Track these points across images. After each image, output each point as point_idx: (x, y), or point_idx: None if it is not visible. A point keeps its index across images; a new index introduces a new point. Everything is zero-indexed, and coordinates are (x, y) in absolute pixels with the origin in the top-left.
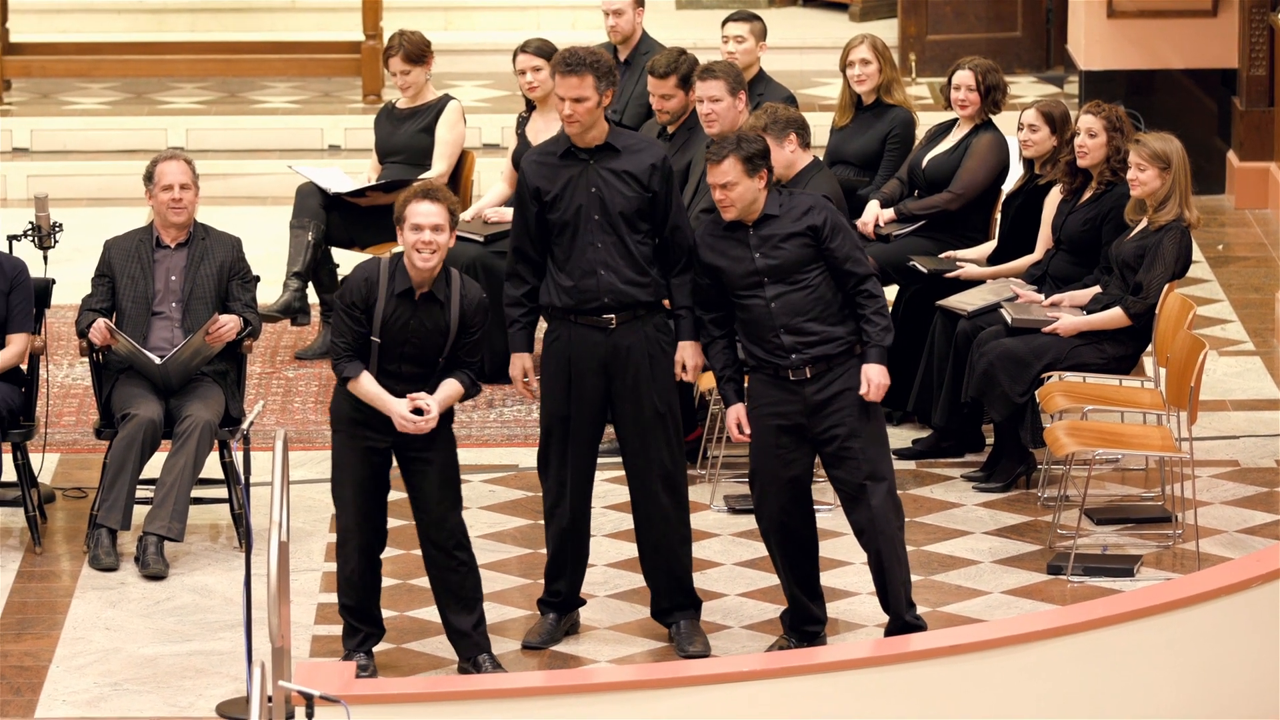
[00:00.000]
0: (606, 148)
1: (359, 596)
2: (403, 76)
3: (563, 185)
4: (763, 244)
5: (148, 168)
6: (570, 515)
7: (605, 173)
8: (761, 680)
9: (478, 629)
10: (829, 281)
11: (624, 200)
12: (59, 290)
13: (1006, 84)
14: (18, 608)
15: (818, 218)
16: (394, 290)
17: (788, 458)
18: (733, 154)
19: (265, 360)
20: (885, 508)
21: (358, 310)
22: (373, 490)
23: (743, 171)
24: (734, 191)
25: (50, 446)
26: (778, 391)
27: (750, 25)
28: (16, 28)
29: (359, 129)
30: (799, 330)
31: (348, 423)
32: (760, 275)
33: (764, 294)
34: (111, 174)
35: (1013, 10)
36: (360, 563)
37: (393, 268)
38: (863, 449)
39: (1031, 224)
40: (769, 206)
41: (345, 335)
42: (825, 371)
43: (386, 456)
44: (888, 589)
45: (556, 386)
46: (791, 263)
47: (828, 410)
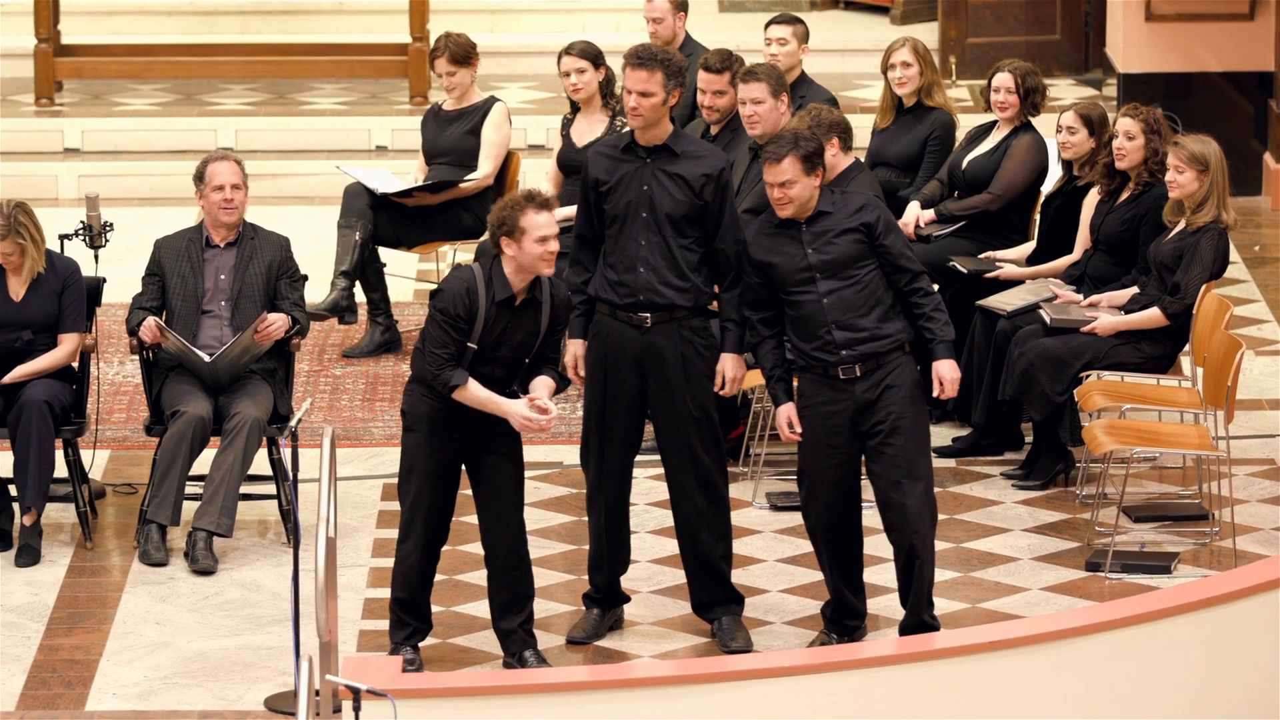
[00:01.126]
0: (665, 149)
1: (413, 591)
2: (448, 78)
3: (618, 178)
4: (815, 240)
5: (198, 168)
6: (605, 510)
7: (660, 173)
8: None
9: (524, 626)
10: (880, 279)
11: (673, 203)
12: (109, 289)
13: (1045, 86)
14: (69, 602)
15: (871, 215)
16: (494, 298)
17: (838, 456)
18: (791, 153)
19: (313, 358)
20: (920, 507)
21: (462, 322)
22: (444, 488)
23: (801, 170)
24: (792, 190)
25: (101, 443)
26: (827, 390)
27: (793, 28)
28: (69, 29)
29: (406, 130)
30: (850, 326)
31: (427, 422)
32: (812, 271)
33: (816, 290)
34: (162, 174)
35: (1052, 13)
36: (421, 558)
37: (487, 275)
38: (902, 447)
39: (1070, 225)
40: (822, 203)
41: (448, 346)
42: (875, 369)
43: (461, 456)
44: (912, 587)
45: (595, 380)
46: (844, 258)
47: (875, 406)
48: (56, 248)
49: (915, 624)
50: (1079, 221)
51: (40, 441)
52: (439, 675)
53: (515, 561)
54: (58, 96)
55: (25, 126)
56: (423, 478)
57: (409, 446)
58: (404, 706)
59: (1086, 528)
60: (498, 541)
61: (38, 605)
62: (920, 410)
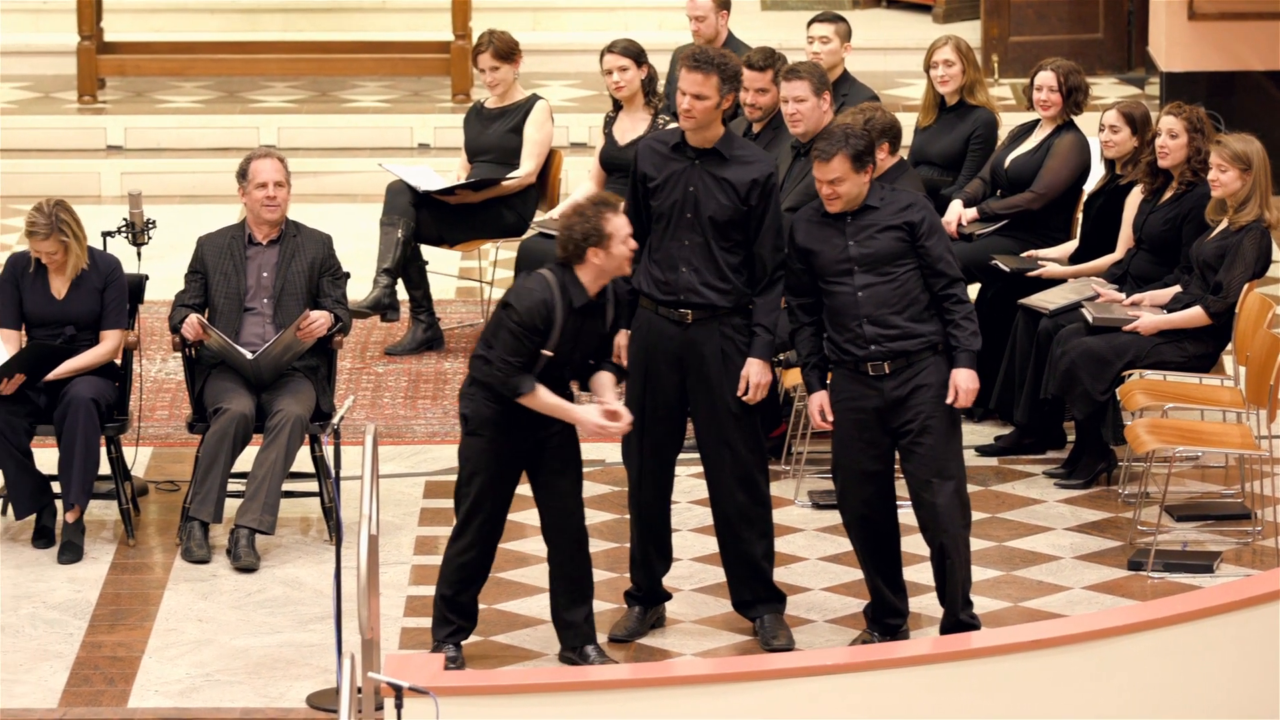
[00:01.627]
0: (715, 152)
1: (463, 589)
2: (491, 73)
3: (665, 176)
4: (859, 233)
5: (241, 165)
6: (646, 508)
7: (707, 176)
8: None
9: (587, 621)
10: (917, 279)
11: (717, 206)
12: (152, 286)
13: (1088, 85)
14: (111, 599)
15: (916, 215)
16: (571, 306)
17: (869, 451)
18: (842, 151)
19: (355, 356)
20: (950, 506)
21: (539, 334)
22: (504, 492)
23: (850, 169)
24: (841, 188)
25: (143, 440)
26: (858, 386)
27: (835, 26)
28: (111, 27)
29: (448, 128)
30: (882, 322)
31: (491, 426)
32: (851, 263)
33: (853, 282)
34: (204, 171)
35: (1094, 12)
36: (476, 557)
37: (561, 283)
38: (933, 446)
39: (1112, 224)
40: (870, 198)
41: (521, 355)
42: (905, 368)
43: (524, 458)
44: (945, 586)
45: (636, 375)
46: (884, 254)
47: (905, 405)
48: (99, 245)
49: (954, 623)
50: (1121, 220)
51: (86, 439)
52: (481, 673)
53: (577, 558)
54: (101, 94)
55: (68, 124)
56: (485, 482)
57: (472, 451)
58: (446, 704)
59: (1129, 527)
60: (561, 539)
61: (80, 602)
62: (951, 410)
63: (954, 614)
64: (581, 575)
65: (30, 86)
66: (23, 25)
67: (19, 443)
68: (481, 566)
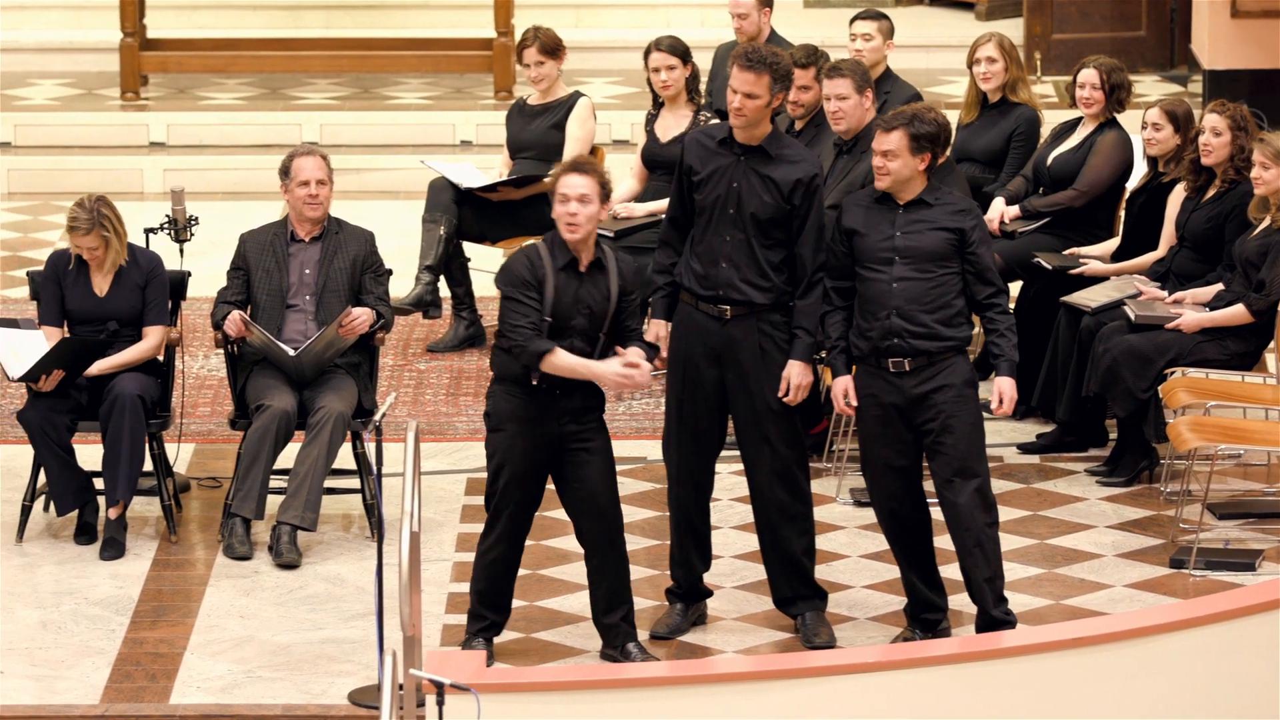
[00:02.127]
0: (760, 150)
1: (495, 583)
2: (537, 68)
3: (710, 171)
4: (908, 224)
5: (284, 162)
6: (683, 503)
7: (751, 173)
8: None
9: (626, 619)
10: (954, 284)
11: (759, 204)
12: (194, 283)
13: (1131, 83)
14: (153, 595)
15: (969, 221)
16: (558, 265)
17: (894, 447)
18: (903, 128)
19: (397, 353)
20: (971, 504)
21: (530, 288)
22: (532, 486)
23: (907, 148)
24: (893, 162)
25: (186, 437)
26: (879, 382)
27: (878, 24)
28: (154, 24)
29: (490, 125)
30: (910, 318)
31: (513, 420)
32: (894, 252)
33: (890, 272)
34: (246, 168)
35: (1137, 10)
36: (506, 552)
37: (551, 245)
38: (954, 445)
39: (1155, 221)
40: (925, 193)
41: (527, 316)
42: (925, 366)
43: (551, 451)
44: (971, 585)
45: (675, 370)
46: (927, 251)
47: (926, 404)
48: (141, 241)
49: (988, 621)
50: (1164, 218)
51: (133, 436)
52: (522, 670)
53: (614, 557)
54: (143, 91)
55: (111, 120)
56: (512, 477)
57: (497, 446)
58: (487, 701)
59: (1171, 524)
60: (596, 539)
61: (122, 598)
62: (973, 408)
63: (986, 611)
64: (617, 576)
65: (73, 83)
66: (65, 22)
67: (60, 439)
68: (510, 562)
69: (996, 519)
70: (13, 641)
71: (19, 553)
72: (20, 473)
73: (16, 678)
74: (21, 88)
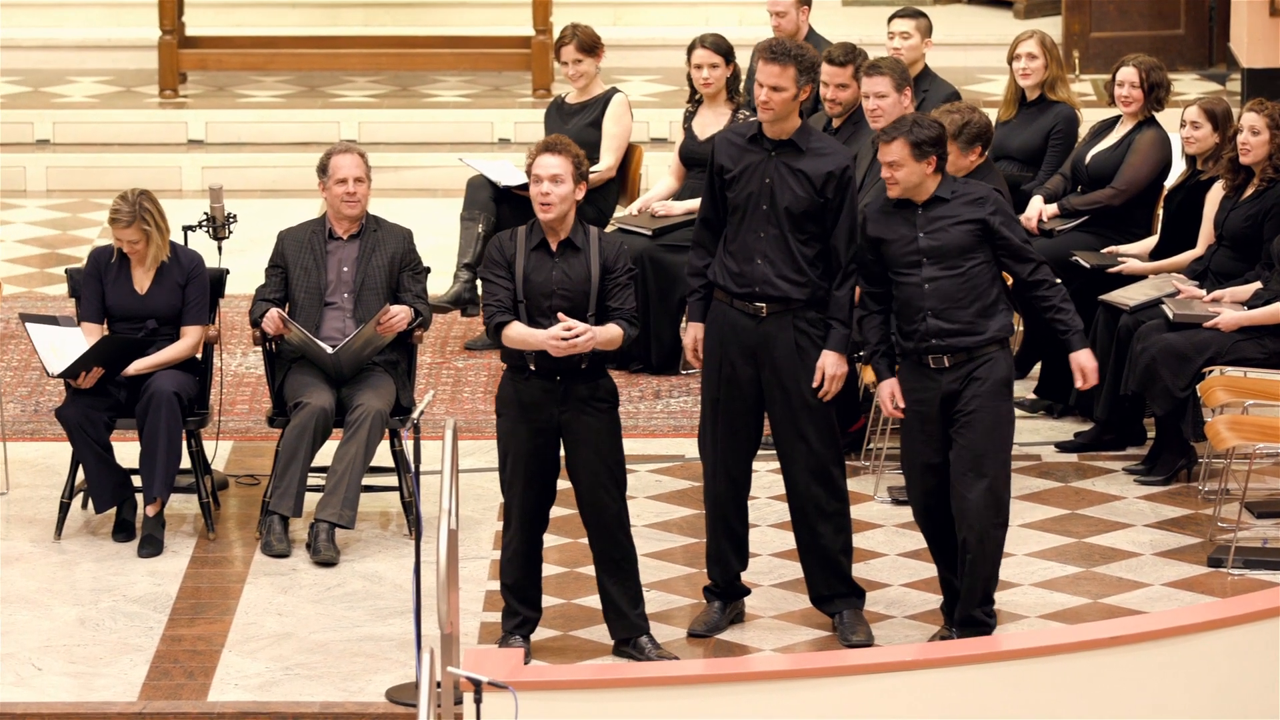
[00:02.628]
0: (791, 144)
1: (519, 577)
2: (575, 65)
3: (742, 168)
4: (929, 224)
5: (322, 160)
6: (718, 501)
7: (783, 167)
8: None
9: (636, 611)
10: (986, 273)
11: (793, 198)
12: (232, 280)
13: (1170, 81)
14: (191, 593)
15: (987, 209)
16: (531, 245)
17: (931, 444)
18: (902, 137)
19: (435, 350)
20: (980, 503)
21: (500, 269)
22: (538, 472)
23: (909, 155)
24: (899, 172)
25: (224, 434)
26: (920, 378)
27: (916, 22)
28: (193, 21)
29: (528, 123)
30: (946, 316)
31: (514, 406)
32: (920, 255)
33: (920, 274)
34: (285, 166)
35: (1175, 8)
36: (523, 544)
37: (530, 226)
38: (972, 441)
39: (1193, 220)
40: (940, 190)
41: (496, 294)
42: (965, 361)
43: (552, 438)
44: (965, 580)
45: (710, 368)
46: (953, 247)
47: (959, 396)
48: (180, 239)
49: (967, 619)
50: (1202, 217)
51: (169, 433)
52: (559, 668)
53: (618, 549)
54: (182, 88)
55: (150, 118)
56: (516, 461)
57: (502, 432)
58: (525, 699)
59: (1209, 523)
60: (599, 526)
61: (160, 596)
62: (1001, 407)
63: (969, 609)
64: (623, 567)
65: (111, 81)
66: (104, 19)
67: (99, 436)
68: (529, 553)
69: (1005, 520)
70: (50, 639)
71: (57, 550)
72: (59, 470)
73: (54, 675)
74: (60, 85)
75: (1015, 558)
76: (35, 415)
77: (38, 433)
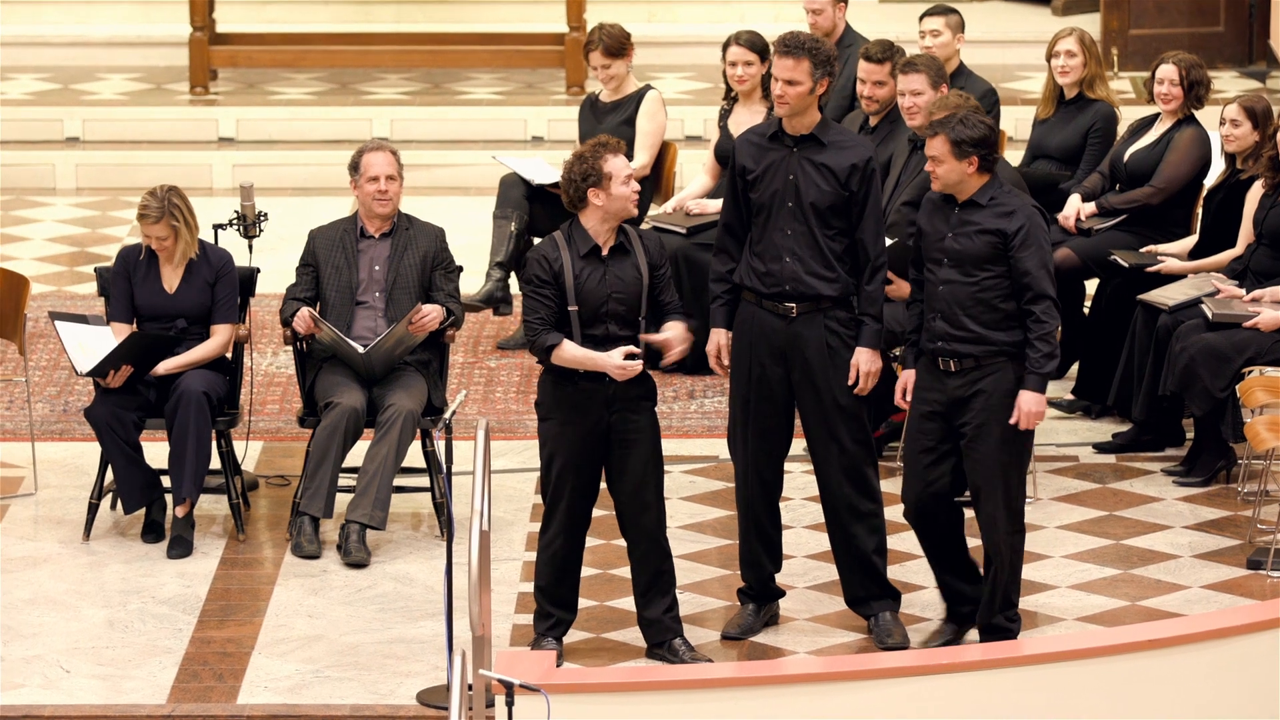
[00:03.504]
0: (812, 139)
1: (557, 579)
2: (604, 70)
3: (765, 167)
4: (959, 226)
5: (353, 158)
6: (751, 503)
7: (805, 163)
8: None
9: (669, 613)
10: (1001, 287)
11: (818, 193)
12: (263, 279)
13: (1209, 79)
14: (221, 594)
15: (1015, 223)
16: (577, 253)
17: (925, 443)
18: (943, 134)
19: (468, 350)
20: (997, 517)
21: (546, 285)
22: (585, 475)
23: (949, 152)
24: (940, 168)
25: (254, 434)
26: (929, 377)
27: (946, 19)
28: (224, 18)
29: (562, 120)
30: (953, 321)
31: (560, 408)
32: (944, 254)
33: (938, 274)
34: (316, 164)
35: (1215, 5)
36: (564, 545)
37: (567, 234)
38: (985, 455)
39: (1233, 219)
40: (979, 195)
41: (538, 312)
42: (972, 369)
43: (601, 440)
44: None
45: (740, 368)
46: (971, 255)
47: (966, 406)
48: (210, 237)
49: (988, 625)
50: (1242, 215)
51: (198, 433)
52: (591, 670)
53: (655, 549)
54: (212, 85)
55: (180, 115)
56: (563, 466)
57: (547, 435)
58: (557, 702)
59: (1248, 525)
60: (638, 530)
61: (190, 597)
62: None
63: (990, 616)
64: (660, 568)
65: (142, 78)
66: (135, 16)
67: (128, 436)
68: (571, 555)
69: (1022, 527)
70: (79, 641)
71: (86, 551)
72: (87, 470)
73: (83, 677)
74: (90, 82)
75: (1052, 559)
76: (64, 415)
77: (67, 433)
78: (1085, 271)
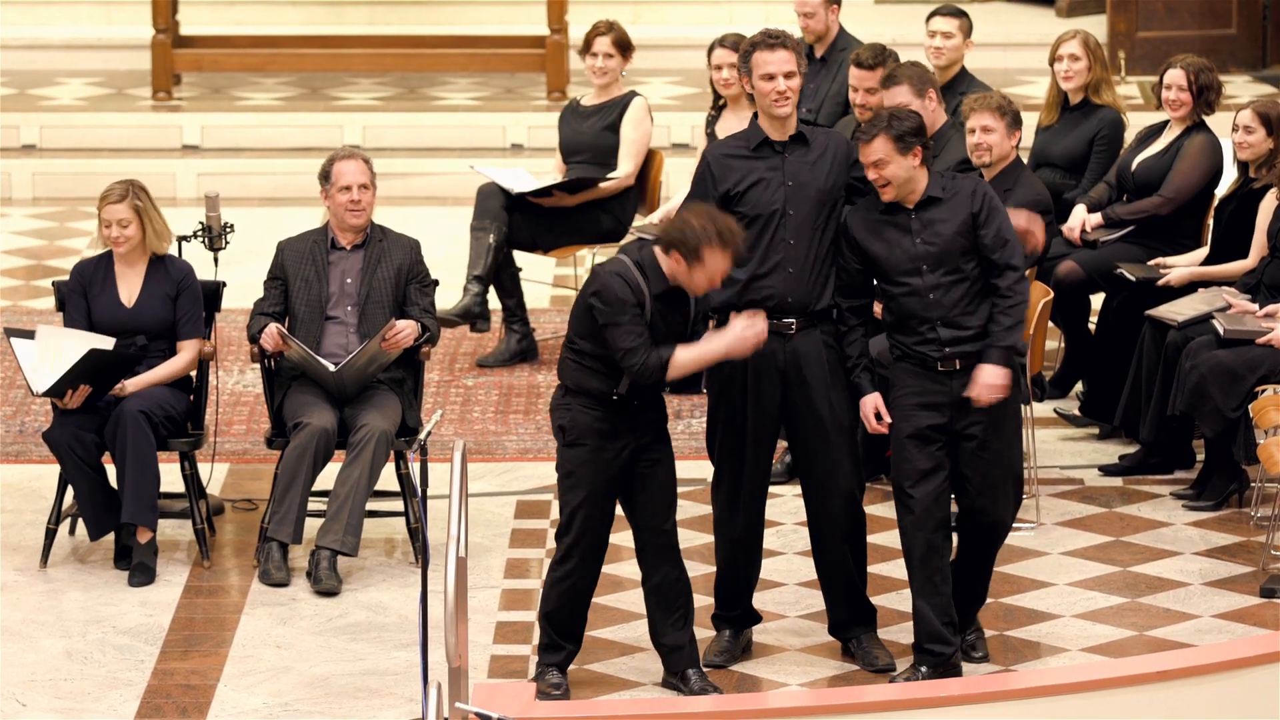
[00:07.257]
0: (799, 137)
1: (573, 609)
2: (605, 59)
3: (754, 180)
4: (924, 228)
5: (324, 166)
6: (745, 527)
7: (800, 165)
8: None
9: (691, 643)
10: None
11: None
12: (230, 293)
13: (1220, 83)
14: (185, 624)
15: (975, 203)
16: (654, 292)
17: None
18: (882, 133)
19: (444, 367)
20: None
21: (636, 307)
22: (608, 503)
23: (893, 150)
24: (886, 170)
25: (220, 456)
26: (924, 381)
27: (958, 21)
28: (188, 20)
29: (542, 127)
30: (956, 324)
31: (592, 434)
32: (919, 262)
33: (922, 282)
34: (285, 173)
35: (1227, 6)
36: (585, 575)
37: (640, 271)
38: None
39: (1245, 230)
40: (931, 189)
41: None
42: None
43: (625, 466)
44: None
45: (734, 393)
46: (952, 250)
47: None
48: (174, 250)
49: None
50: (1255, 227)
51: (139, 454)
52: (576, 703)
53: (677, 574)
54: (176, 90)
55: (142, 122)
56: (590, 493)
57: (575, 461)
58: None
59: (1261, 551)
60: (659, 554)
61: (152, 627)
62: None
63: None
64: (681, 595)
65: (102, 82)
66: (94, 17)
67: (90, 459)
68: (588, 586)
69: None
70: (36, 673)
71: (43, 578)
72: (45, 494)
73: (40, 711)
74: (48, 87)
75: (1056, 587)
76: (20, 436)
77: (23, 454)
78: (1090, 285)
